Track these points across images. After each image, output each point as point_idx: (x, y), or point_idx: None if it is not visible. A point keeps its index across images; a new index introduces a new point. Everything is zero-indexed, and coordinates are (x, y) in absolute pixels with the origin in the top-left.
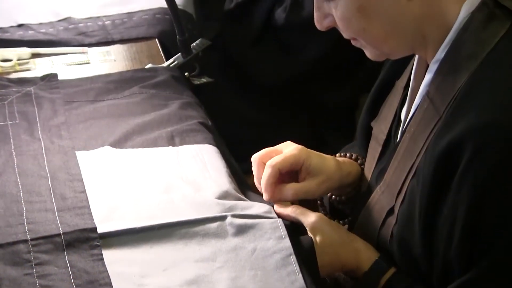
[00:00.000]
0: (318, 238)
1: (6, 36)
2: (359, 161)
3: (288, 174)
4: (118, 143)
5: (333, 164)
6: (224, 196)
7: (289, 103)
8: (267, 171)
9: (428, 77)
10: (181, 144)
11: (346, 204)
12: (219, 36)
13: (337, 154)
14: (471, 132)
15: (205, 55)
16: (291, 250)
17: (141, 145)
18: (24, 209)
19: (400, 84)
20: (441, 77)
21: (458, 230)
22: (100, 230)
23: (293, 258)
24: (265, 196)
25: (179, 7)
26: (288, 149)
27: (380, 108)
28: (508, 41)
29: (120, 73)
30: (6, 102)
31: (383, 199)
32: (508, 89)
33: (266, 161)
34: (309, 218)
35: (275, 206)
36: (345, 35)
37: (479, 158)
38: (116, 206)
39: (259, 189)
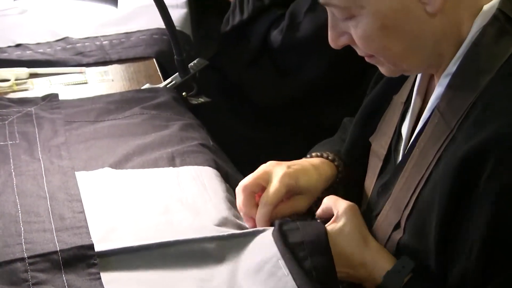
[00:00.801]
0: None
1: (4, 56)
2: (336, 162)
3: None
4: (119, 164)
5: (316, 179)
6: (223, 222)
7: (286, 123)
8: (262, 211)
9: (438, 91)
10: (182, 165)
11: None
12: (216, 56)
13: (314, 154)
14: (494, 141)
15: (203, 75)
16: (278, 255)
17: (141, 165)
18: (22, 229)
19: (399, 99)
20: (453, 91)
21: (479, 241)
22: (97, 249)
23: (281, 263)
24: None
25: (177, 27)
26: (275, 179)
27: (376, 123)
28: None
29: (121, 93)
30: (6, 122)
31: (390, 214)
32: None
33: (254, 190)
34: (340, 205)
35: None
36: (362, 52)
37: (503, 167)
38: (115, 227)
39: (244, 217)
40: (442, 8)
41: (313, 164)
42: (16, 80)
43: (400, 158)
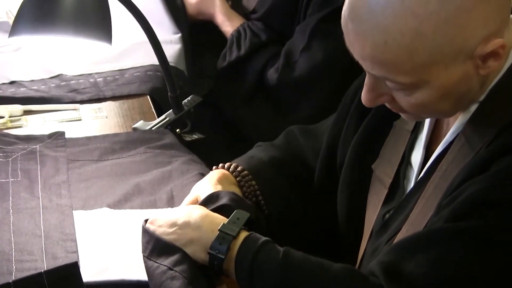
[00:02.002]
0: None
1: None
2: (230, 169)
3: None
4: (117, 204)
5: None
6: None
7: None
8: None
9: (464, 116)
10: (180, 203)
11: None
12: (211, 92)
13: (214, 167)
14: None
15: (197, 111)
16: None
17: (140, 206)
18: (14, 268)
19: (404, 127)
20: (481, 118)
21: None
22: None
23: None
24: None
25: (171, 63)
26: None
27: (377, 149)
28: None
29: (127, 133)
30: (10, 159)
31: None
32: None
33: None
34: None
35: None
36: (397, 110)
37: None
38: (106, 267)
39: None
40: None
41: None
42: (10, 117)
43: (411, 185)
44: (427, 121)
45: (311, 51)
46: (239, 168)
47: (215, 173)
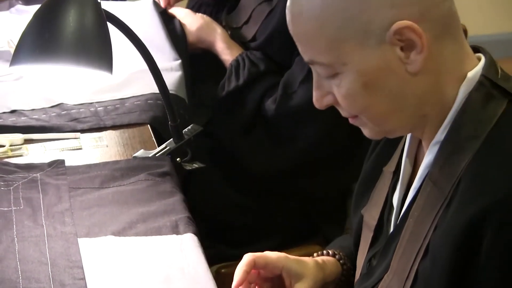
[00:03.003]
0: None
1: None
2: (336, 256)
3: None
4: (122, 231)
5: (313, 266)
6: None
7: (280, 190)
8: (243, 260)
9: (428, 159)
10: (185, 232)
11: None
12: (210, 122)
13: (315, 254)
14: (494, 206)
15: (197, 140)
16: None
17: (144, 233)
18: None
19: (388, 169)
20: (444, 159)
21: None
22: None
23: None
24: (234, 282)
25: (171, 91)
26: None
27: (369, 196)
28: (507, 118)
29: (127, 160)
30: (12, 187)
31: (392, 286)
32: None
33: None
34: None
35: None
36: (346, 113)
37: (506, 231)
38: None
39: None
40: (422, 69)
41: (312, 259)
42: (11, 146)
43: (392, 228)
44: (404, 162)
45: (310, 82)
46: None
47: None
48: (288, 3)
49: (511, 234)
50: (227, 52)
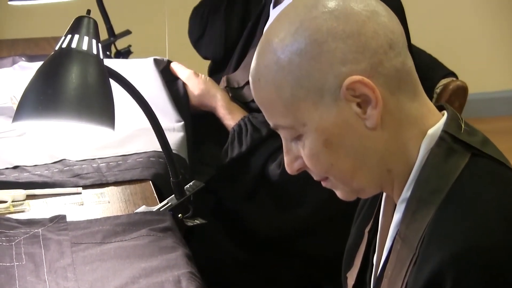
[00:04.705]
0: None
1: (1, 178)
2: None
3: None
4: (125, 286)
5: None
6: None
7: (282, 249)
8: None
9: (396, 217)
10: (188, 287)
11: None
12: (212, 180)
13: None
14: (448, 262)
15: (199, 197)
16: None
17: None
18: None
19: (368, 230)
20: (410, 215)
21: None
22: None
23: None
24: None
25: (173, 151)
26: None
27: (353, 259)
28: (469, 172)
29: (128, 215)
30: (13, 243)
31: None
32: (475, 216)
33: None
34: None
35: None
36: (316, 175)
37: (463, 285)
38: None
39: None
40: (380, 124)
41: None
42: (13, 201)
43: None
44: (380, 221)
45: None
46: None
47: None
48: (250, 70)
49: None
50: (228, 117)
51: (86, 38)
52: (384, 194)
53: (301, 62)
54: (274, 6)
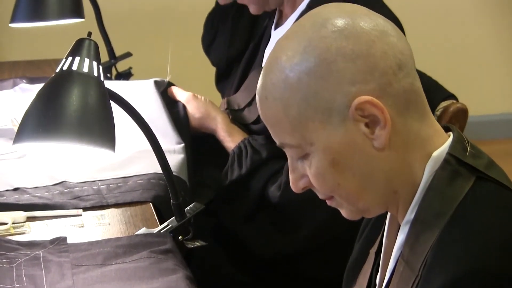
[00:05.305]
0: None
1: (2, 199)
2: None
3: None
4: None
5: None
6: None
7: (283, 271)
8: None
9: (400, 239)
10: None
11: None
12: (212, 202)
13: None
14: (450, 285)
15: (199, 219)
16: None
17: None
18: None
19: (373, 251)
20: (413, 238)
21: None
22: None
23: None
24: None
25: (174, 173)
26: None
27: (355, 277)
28: (473, 195)
29: (129, 237)
30: (14, 265)
31: None
32: (478, 240)
33: None
34: None
35: None
36: (321, 194)
37: None
38: None
39: None
40: (388, 144)
41: None
42: (13, 223)
43: None
44: (384, 242)
45: None
46: None
47: None
48: (257, 88)
49: None
50: (228, 140)
51: (87, 60)
52: (389, 215)
53: (309, 81)
54: (276, 28)
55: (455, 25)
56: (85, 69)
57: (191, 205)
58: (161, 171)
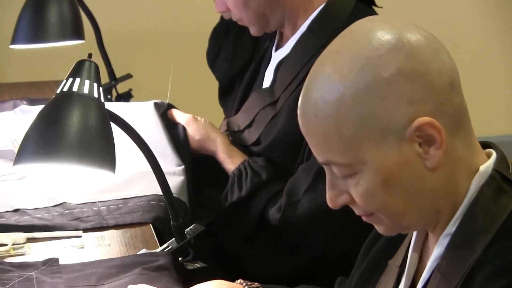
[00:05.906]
0: None
1: (2, 221)
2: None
3: None
4: None
5: None
6: None
7: None
8: None
9: (437, 251)
10: None
11: None
12: (212, 224)
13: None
14: None
15: (199, 240)
16: None
17: None
18: None
19: (394, 263)
20: (453, 251)
21: None
22: None
23: None
24: None
25: (174, 194)
26: None
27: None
28: None
29: (122, 258)
30: (7, 286)
31: None
32: None
33: None
34: None
35: None
36: (361, 211)
37: None
38: None
39: None
40: (440, 164)
41: None
42: (13, 244)
43: None
44: (410, 255)
45: (316, 192)
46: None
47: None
48: (300, 104)
49: None
50: (228, 161)
51: (87, 82)
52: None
53: (367, 100)
54: (276, 50)
55: (454, 46)
56: (86, 90)
57: (191, 227)
58: (161, 193)
